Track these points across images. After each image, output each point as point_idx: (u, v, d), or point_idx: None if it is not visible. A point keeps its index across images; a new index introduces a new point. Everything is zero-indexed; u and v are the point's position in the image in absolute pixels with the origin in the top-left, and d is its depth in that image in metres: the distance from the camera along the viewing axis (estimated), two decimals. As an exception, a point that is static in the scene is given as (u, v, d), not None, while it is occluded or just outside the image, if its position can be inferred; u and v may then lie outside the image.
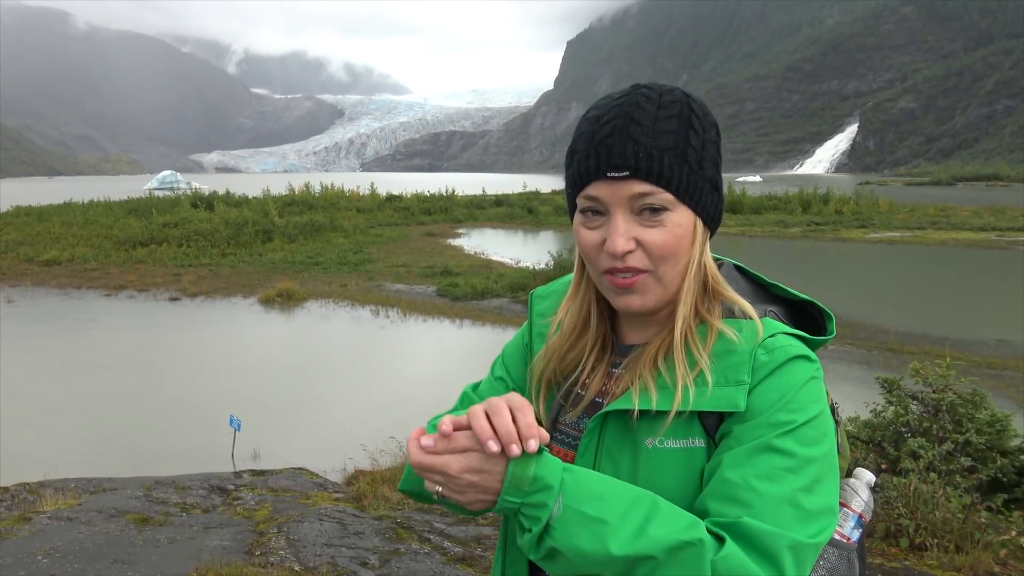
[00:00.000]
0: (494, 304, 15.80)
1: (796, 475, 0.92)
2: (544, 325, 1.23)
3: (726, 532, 0.89)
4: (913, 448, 4.97)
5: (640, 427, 1.03)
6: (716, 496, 0.94)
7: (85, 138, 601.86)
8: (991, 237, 27.75)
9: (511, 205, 42.82)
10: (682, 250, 1.03)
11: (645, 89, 1.04)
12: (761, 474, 0.92)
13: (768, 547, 0.88)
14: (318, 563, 4.31)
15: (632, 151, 0.99)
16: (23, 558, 4.32)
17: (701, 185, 1.02)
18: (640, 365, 1.06)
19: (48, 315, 15.64)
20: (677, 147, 1.00)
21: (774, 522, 0.89)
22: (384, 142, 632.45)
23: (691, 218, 1.03)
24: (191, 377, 11.18)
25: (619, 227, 1.01)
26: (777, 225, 33.33)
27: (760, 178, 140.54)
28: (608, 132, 1.01)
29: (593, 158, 1.01)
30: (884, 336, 12.41)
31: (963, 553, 4.12)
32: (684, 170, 1.00)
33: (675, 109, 1.02)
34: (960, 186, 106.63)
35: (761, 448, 0.94)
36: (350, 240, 27.48)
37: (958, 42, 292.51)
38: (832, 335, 1.10)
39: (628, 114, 1.01)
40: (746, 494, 0.91)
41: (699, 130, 1.02)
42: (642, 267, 1.02)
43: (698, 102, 1.05)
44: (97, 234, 26.42)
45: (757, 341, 1.01)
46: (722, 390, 0.99)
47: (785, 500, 0.91)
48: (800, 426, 0.95)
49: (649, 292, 1.04)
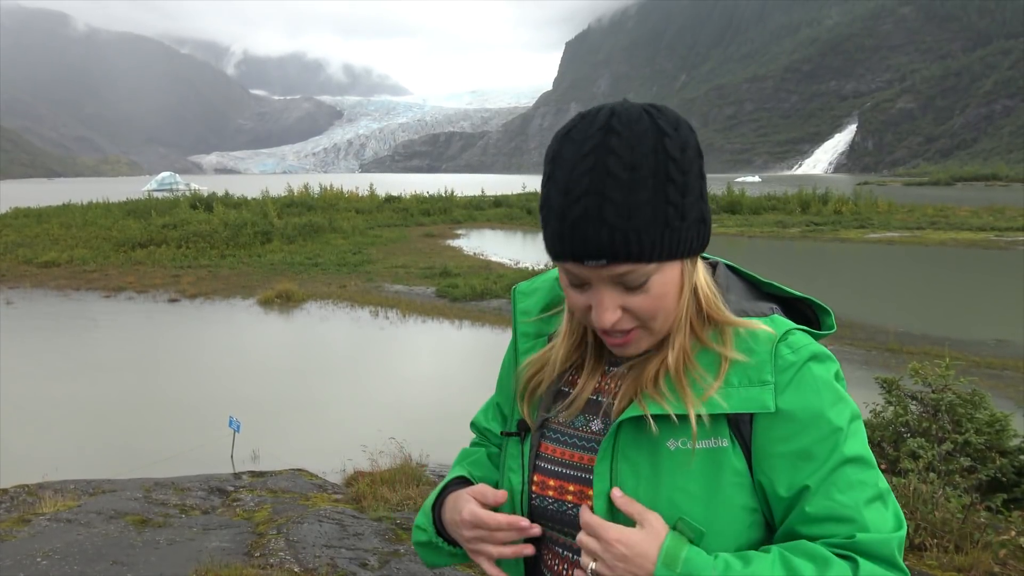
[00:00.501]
0: (493, 305, 15.80)
1: (868, 471, 0.99)
2: (528, 324, 1.22)
3: (849, 552, 0.95)
4: (912, 448, 4.98)
5: (662, 429, 1.02)
6: (814, 520, 0.97)
7: (84, 139, 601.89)
8: (990, 237, 27.76)
9: (510, 206, 42.81)
10: (671, 303, 1.03)
11: (615, 138, 0.94)
12: (844, 486, 0.97)
13: (886, 553, 0.96)
14: (317, 564, 4.30)
15: (608, 238, 0.94)
16: (22, 560, 4.32)
17: (686, 236, 0.98)
18: (643, 380, 1.06)
19: (47, 316, 15.63)
20: (656, 217, 0.94)
21: (877, 527, 0.96)
22: (383, 143, 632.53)
23: (676, 269, 1.01)
24: (190, 378, 11.17)
25: (603, 302, 1.00)
26: (776, 225, 33.33)
27: (759, 178, 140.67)
28: (580, 214, 0.94)
29: (568, 243, 0.97)
30: (883, 336, 12.41)
31: (963, 553, 4.11)
32: (666, 235, 0.96)
33: (649, 164, 0.94)
34: (959, 186, 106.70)
35: (837, 463, 0.98)
36: (349, 241, 27.46)
37: (956, 42, 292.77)
38: (833, 330, 1.10)
39: (599, 191, 0.93)
40: (844, 511, 0.96)
41: (678, 178, 0.96)
42: (632, 327, 1.03)
43: (673, 137, 0.96)
44: (96, 235, 26.39)
45: (775, 339, 1.02)
46: (747, 391, 1.00)
47: (873, 500, 0.98)
48: (850, 424, 1.00)
49: (643, 341, 1.05)
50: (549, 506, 1.12)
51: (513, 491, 1.16)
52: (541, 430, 1.16)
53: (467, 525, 1.11)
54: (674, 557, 0.95)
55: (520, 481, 1.15)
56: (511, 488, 1.16)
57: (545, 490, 1.13)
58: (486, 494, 1.13)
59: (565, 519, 1.11)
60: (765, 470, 1.00)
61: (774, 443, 1.00)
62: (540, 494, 1.13)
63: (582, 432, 1.12)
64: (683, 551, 0.96)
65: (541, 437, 1.16)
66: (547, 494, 1.12)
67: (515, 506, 1.15)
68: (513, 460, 1.17)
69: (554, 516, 1.12)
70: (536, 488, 1.14)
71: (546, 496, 1.12)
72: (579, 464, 1.11)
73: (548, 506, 1.12)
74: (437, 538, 1.20)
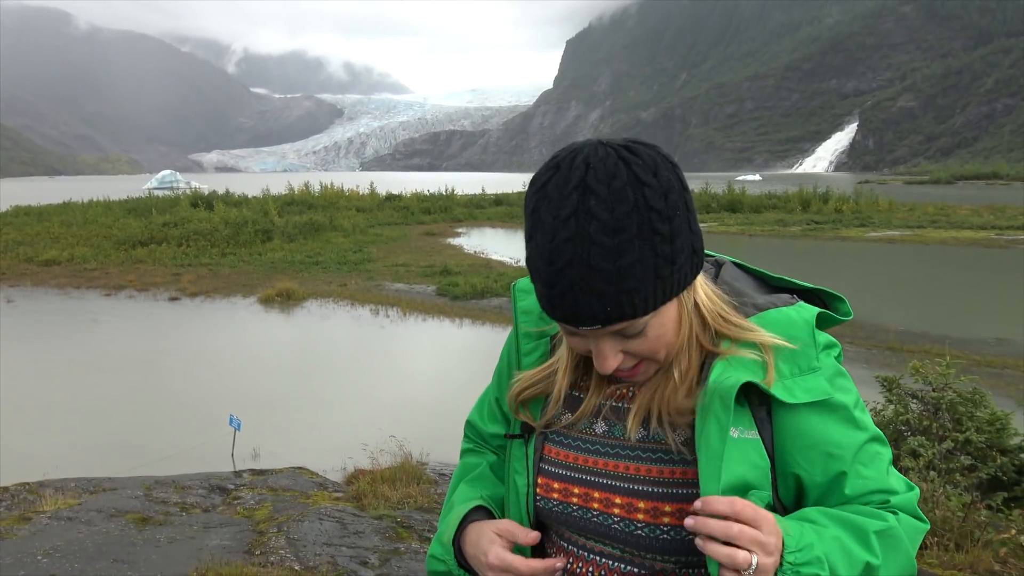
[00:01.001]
0: (494, 303, 15.80)
1: (881, 443, 1.08)
2: (530, 324, 1.21)
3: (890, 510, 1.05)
4: (913, 447, 4.97)
5: (723, 417, 1.01)
6: (852, 499, 1.04)
7: (85, 138, 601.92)
8: (991, 236, 27.72)
9: (511, 204, 42.82)
10: (671, 336, 1.03)
11: (593, 199, 0.91)
12: (867, 461, 1.05)
13: (913, 509, 1.07)
14: (318, 562, 4.31)
15: (599, 306, 0.93)
16: (23, 558, 4.32)
17: (678, 278, 0.97)
18: (663, 397, 1.08)
19: (47, 315, 15.63)
20: (646, 274, 0.93)
21: (901, 489, 1.07)
22: (383, 141, 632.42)
23: (673, 304, 1.02)
24: (191, 377, 11.17)
25: (604, 353, 1.01)
26: (777, 224, 33.31)
27: (760, 177, 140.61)
28: (568, 286, 0.92)
29: (558, 310, 0.96)
30: (884, 335, 12.41)
31: (963, 552, 4.11)
32: (658, 287, 0.95)
33: (633, 223, 0.91)
34: (960, 185, 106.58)
35: (861, 443, 1.05)
36: (350, 239, 27.45)
37: (957, 41, 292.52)
38: (850, 315, 1.16)
39: (585, 261, 0.91)
40: (875, 484, 1.05)
41: (664, 229, 0.93)
42: (635, 363, 1.04)
43: (654, 187, 0.93)
44: (96, 234, 26.39)
45: (812, 323, 1.06)
46: (803, 380, 1.02)
47: (890, 466, 1.08)
48: (857, 400, 1.08)
49: (650, 370, 1.07)
50: (554, 508, 1.13)
51: (519, 493, 1.17)
52: (545, 432, 1.17)
53: (495, 570, 1.08)
54: (793, 535, 0.95)
55: (526, 484, 1.16)
56: (517, 490, 1.17)
57: (550, 492, 1.13)
58: (516, 534, 1.11)
59: (571, 521, 1.12)
60: (799, 459, 1.03)
61: (804, 434, 1.02)
62: (545, 496, 1.14)
63: (586, 435, 1.13)
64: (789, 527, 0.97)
65: (545, 440, 1.16)
66: (552, 496, 1.13)
67: (520, 508, 1.16)
68: (518, 462, 1.18)
69: (559, 518, 1.13)
70: (541, 491, 1.14)
71: (551, 498, 1.13)
72: (583, 467, 1.11)
73: (553, 508, 1.13)
74: (459, 570, 1.18)
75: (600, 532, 1.09)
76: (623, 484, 1.07)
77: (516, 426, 1.20)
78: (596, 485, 1.09)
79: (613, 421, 1.12)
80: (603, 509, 1.08)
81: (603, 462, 1.10)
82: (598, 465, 1.10)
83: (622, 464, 1.09)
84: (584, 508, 1.10)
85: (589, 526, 1.10)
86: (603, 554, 1.11)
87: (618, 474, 1.08)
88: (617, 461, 1.09)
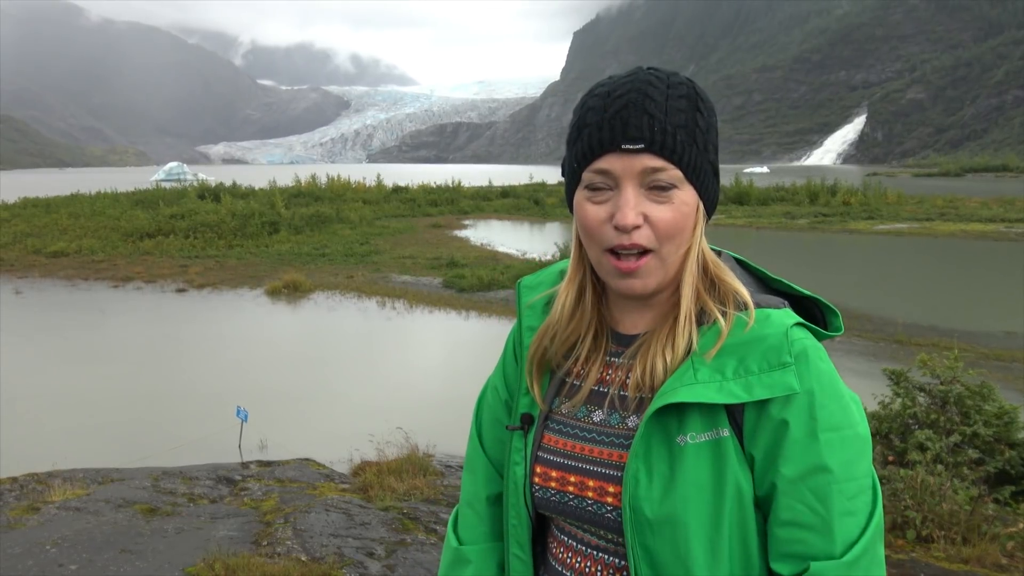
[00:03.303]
0: (500, 296, 15.79)
1: (844, 484, 1.00)
2: (534, 319, 1.20)
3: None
4: (920, 440, 4.96)
5: (671, 424, 1.01)
6: (787, 519, 1.00)
7: (92, 130, 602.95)
8: (1000, 229, 27.56)
9: (517, 196, 42.77)
10: (687, 229, 1.03)
11: (652, 70, 1.04)
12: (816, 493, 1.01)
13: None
14: (324, 553, 4.32)
15: (648, 124, 0.99)
16: (31, 548, 4.35)
17: (706, 167, 1.04)
18: (651, 355, 1.05)
19: (55, 306, 15.71)
20: (687, 126, 1.01)
21: (844, 543, 1.00)
22: (390, 133, 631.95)
23: (695, 199, 1.04)
24: (198, 368, 11.22)
25: (629, 200, 1.00)
26: (784, 216, 33.20)
27: (767, 169, 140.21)
28: (623, 105, 1.01)
29: (607, 130, 1.01)
30: (891, 328, 12.37)
31: (970, 545, 4.11)
32: (693, 150, 1.01)
33: (683, 90, 1.03)
34: (969, 177, 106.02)
35: (813, 468, 1.00)
36: (356, 232, 27.48)
37: (967, 32, 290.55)
38: (840, 331, 1.10)
39: (641, 90, 1.01)
40: (812, 526, 0.99)
41: (705, 113, 1.04)
42: (647, 245, 1.01)
43: (701, 88, 1.06)
44: (104, 226, 26.47)
45: (788, 323, 1.02)
46: (770, 375, 0.99)
47: (843, 512, 1.01)
48: (831, 423, 1.02)
49: (651, 275, 1.03)
50: (552, 497, 1.12)
51: (517, 483, 1.16)
52: (544, 421, 1.16)
53: None
54: None
55: (523, 473, 1.15)
56: (515, 480, 1.16)
57: (547, 481, 1.12)
58: None
59: (567, 510, 1.11)
60: (772, 454, 1.00)
61: (761, 429, 1.00)
62: (543, 485, 1.13)
63: (584, 423, 1.12)
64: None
65: (544, 428, 1.16)
66: (549, 485, 1.12)
67: (519, 497, 1.15)
68: (517, 453, 1.17)
69: (557, 507, 1.12)
70: (538, 480, 1.13)
71: (548, 487, 1.12)
72: (580, 455, 1.10)
73: (551, 497, 1.12)
74: None
75: (595, 522, 1.08)
76: (620, 474, 1.06)
77: (516, 417, 1.20)
78: (592, 474, 1.08)
79: (612, 409, 1.10)
80: (597, 498, 1.07)
81: (598, 450, 1.09)
82: (593, 453, 1.09)
83: (615, 453, 1.07)
84: (580, 497, 1.09)
85: (584, 515, 1.09)
86: (599, 548, 1.10)
87: (612, 463, 1.07)
88: (612, 450, 1.08)
